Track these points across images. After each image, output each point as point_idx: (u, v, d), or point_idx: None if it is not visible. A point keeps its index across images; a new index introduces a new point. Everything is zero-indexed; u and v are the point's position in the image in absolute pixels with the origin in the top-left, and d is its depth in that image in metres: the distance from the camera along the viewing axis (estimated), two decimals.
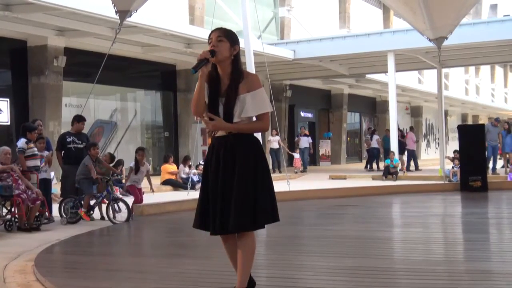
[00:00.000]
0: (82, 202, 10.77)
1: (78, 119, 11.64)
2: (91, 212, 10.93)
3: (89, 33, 18.07)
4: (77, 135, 11.46)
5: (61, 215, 10.69)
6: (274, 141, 24.30)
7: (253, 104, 4.44)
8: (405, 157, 26.04)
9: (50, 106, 18.42)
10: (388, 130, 27.79)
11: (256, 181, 4.48)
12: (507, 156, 21.20)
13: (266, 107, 4.48)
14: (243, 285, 4.61)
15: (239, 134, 4.48)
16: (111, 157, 13.30)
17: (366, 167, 27.38)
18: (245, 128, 4.48)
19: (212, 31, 4.59)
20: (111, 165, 13.92)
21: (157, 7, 20.37)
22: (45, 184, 10.80)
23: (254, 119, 4.55)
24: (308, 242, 8.26)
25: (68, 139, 11.34)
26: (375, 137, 27.27)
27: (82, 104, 18.56)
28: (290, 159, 26.71)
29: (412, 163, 26.78)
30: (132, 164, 11.97)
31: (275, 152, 24.56)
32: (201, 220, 4.69)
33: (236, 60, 4.54)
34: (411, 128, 28.48)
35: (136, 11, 12.04)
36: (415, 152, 20.88)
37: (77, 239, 8.79)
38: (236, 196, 4.42)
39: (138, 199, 12.29)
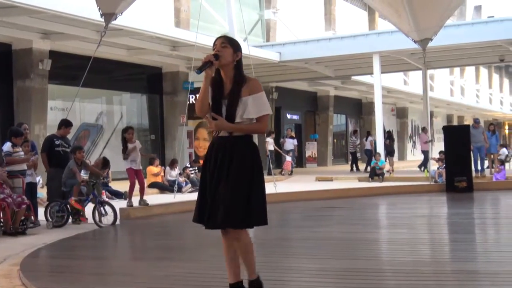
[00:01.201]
0: (68, 205, 10.73)
1: (67, 124, 11.67)
2: (81, 215, 10.93)
3: (74, 36, 18.00)
4: (64, 139, 11.47)
5: (47, 219, 10.64)
6: (270, 144, 24.29)
7: (254, 106, 4.67)
8: (395, 159, 26.02)
9: (35, 110, 18.33)
10: (369, 132, 28.03)
11: (251, 182, 4.67)
12: (492, 156, 21.31)
13: (266, 109, 4.72)
14: (253, 274, 4.85)
15: (238, 136, 4.69)
16: (104, 161, 13.27)
17: (365, 169, 26.80)
18: (245, 128, 4.70)
19: (217, 38, 4.87)
20: (106, 169, 13.94)
21: (143, 10, 20.34)
22: (31, 188, 10.75)
23: (254, 121, 4.76)
24: (295, 244, 8.27)
25: (57, 142, 11.34)
26: (370, 138, 27.22)
27: (67, 107, 18.48)
28: (278, 161, 26.76)
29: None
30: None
31: (270, 154, 24.56)
32: (199, 214, 4.86)
33: (238, 65, 4.79)
34: (423, 129, 27.12)
35: (122, 13, 12.03)
36: (428, 154, 20.39)
37: (63, 243, 8.75)
38: (229, 194, 4.59)
39: (133, 183, 12.42)
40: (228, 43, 4.79)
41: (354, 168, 27.78)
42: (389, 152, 26.29)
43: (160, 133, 24.70)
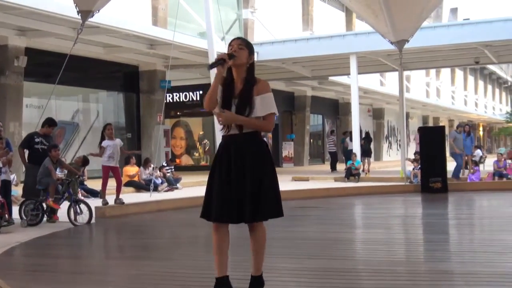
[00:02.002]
0: (44, 204, 10.66)
1: (51, 123, 11.67)
2: (54, 213, 10.85)
3: (51, 33, 17.87)
4: (44, 137, 11.43)
5: (21, 217, 10.55)
6: None
7: (262, 106, 4.85)
8: (372, 159, 26.07)
9: (10, 107, 18.18)
10: (346, 132, 28.09)
11: (265, 176, 4.86)
12: (466, 158, 21.48)
13: (272, 108, 4.89)
14: (259, 271, 4.99)
15: (248, 133, 4.85)
16: (84, 160, 13.20)
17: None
18: (253, 122, 4.83)
19: (234, 39, 5.00)
20: (85, 168, 13.87)
21: (120, 8, 20.24)
22: (5, 186, 10.65)
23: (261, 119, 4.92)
24: (271, 244, 8.26)
25: (37, 140, 11.33)
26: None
27: (43, 105, 18.38)
28: None
29: None
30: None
31: None
32: (207, 211, 4.90)
33: (251, 67, 5.01)
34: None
35: (99, 11, 11.95)
36: None
37: (38, 241, 8.68)
38: (247, 190, 4.76)
39: (106, 180, 12.40)
40: (244, 46, 4.96)
41: (332, 168, 27.75)
42: (366, 153, 26.44)
43: (136, 132, 24.63)
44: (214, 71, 4.83)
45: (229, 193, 4.79)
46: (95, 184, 15.94)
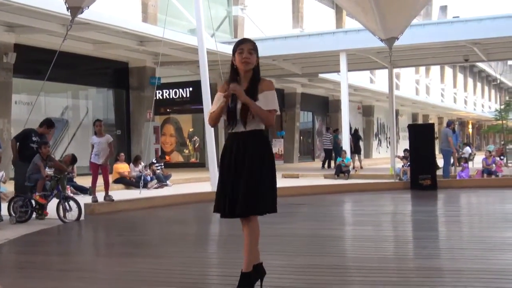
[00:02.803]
0: (32, 201, 10.62)
1: (50, 125, 11.69)
2: (44, 209, 10.83)
3: (40, 29, 17.79)
4: (41, 137, 11.41)
5: (10, 214, 10.52)
6: None
7: (264, 102, 4.95)
8: (362, 156, 26.11)
9: None
10: (337, 130, 28.14)
11: (262, 171, 4.93)
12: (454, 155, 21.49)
13: (275, 105, 4.99)
14: (250, 265, 5.01)
15: (252, 132, 4.96)
16: (73, 158, 13.17)
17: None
18: (257, 108, 4.89)
19: (243, 42, 5.07)
20: (74, 165, 13.84)
21: (110, 4, 20.18)
22: None
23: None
24: (261, 241, 8.24)
25: (34, 138, 11.34)
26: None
27: (32, 101, 18.29)
28: None
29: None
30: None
31: None
32: (217, 205, 5.06)
33: (257, 68, 5.10)
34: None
35: (88, 7, 11.90)
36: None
37: (27, 238, 8.65)
38: (244, 184, 4.87)
39: (95, 177, 12.38)
40: (254, 50, 5.04)
41: (326, 165, 27.74)
42: (356, 150, 26.51)
43: (126, 129, 24.55)
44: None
45: (229, 188, 4.92)
46: (84, 181, 15.90)
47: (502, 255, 6.67)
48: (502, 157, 24.49)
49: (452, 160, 20.83)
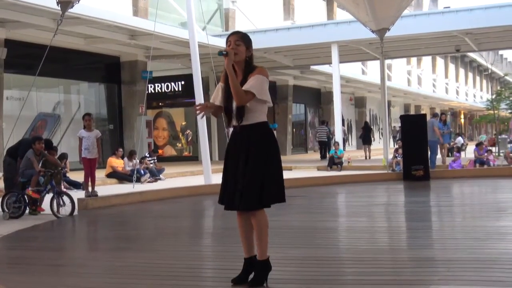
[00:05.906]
0: (26, 196, 10.61)
1: (50, 147, 11.69)
2: (38, 204, 10.82)
3: (31, 24, 17.72)
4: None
5: (3, 210, 10.51)
6: None
7: (248, 82, 4.92)
8: (353, 148, 26.32)
9: None
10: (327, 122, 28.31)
11: (266, 162, 4.97)
12: (444, 146, 21.51)
13: (253, 89, 4.89)
14: (263, 255, 5.08)
15: (255, 125, 4.98)
16: (61, 155, 13.19)
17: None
18: (234, 84, 4.86)
19: (231, 34, 5.11)
20: (64, 160, 13.82)
21: None
22: None
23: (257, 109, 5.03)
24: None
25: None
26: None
27: (24, 97, 18.25)
28: None
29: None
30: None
31: None
32: (221, 197, 5.12)
33: (250, 60, 5.07)
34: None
35: (78, 1, 11.87)
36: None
37: (20, 234, 8.64)
38: (247, 178, 4.91)
39: (88, 172, 12.38)
40: (242, 41, 5.03)
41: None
42: (366, 141, 27.60)
43: (118, 123, 24.51)
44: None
45: (232, 181, 4.97)
46: (77, 176, 15.88)
47: (495, 244, 6.70)
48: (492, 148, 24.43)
49: (438, 150, 20.65)
